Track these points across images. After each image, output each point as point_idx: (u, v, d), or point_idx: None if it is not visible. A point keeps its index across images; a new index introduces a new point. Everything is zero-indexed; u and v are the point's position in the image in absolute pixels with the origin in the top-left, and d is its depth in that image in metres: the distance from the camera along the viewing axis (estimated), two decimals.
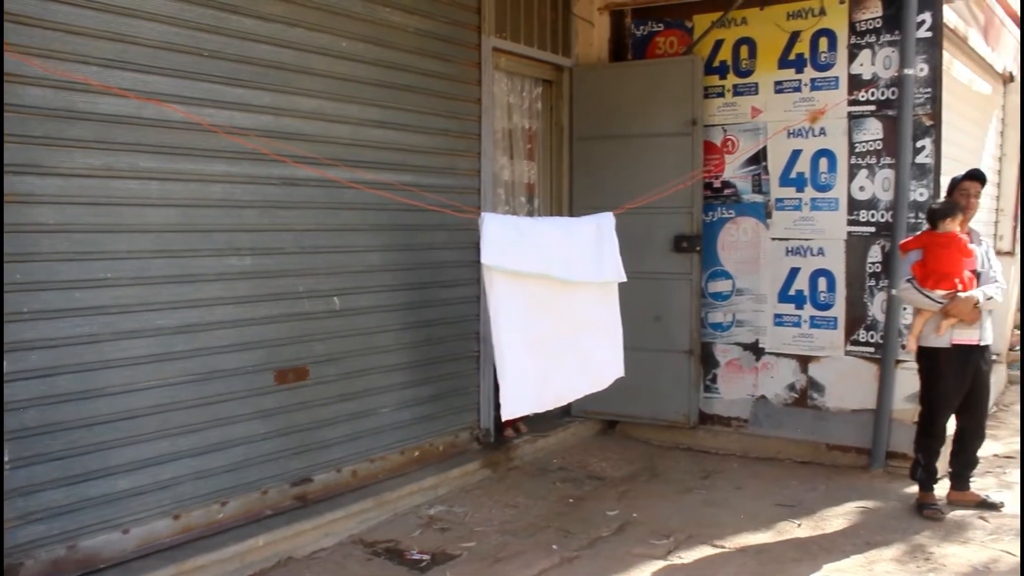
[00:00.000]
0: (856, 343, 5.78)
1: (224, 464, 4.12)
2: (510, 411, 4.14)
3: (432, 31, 5.14)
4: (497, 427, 5.73)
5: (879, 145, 5.64)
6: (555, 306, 4.29)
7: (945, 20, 5.58)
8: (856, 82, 5.69)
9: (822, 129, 5.81)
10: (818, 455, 5.89)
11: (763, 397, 6.10)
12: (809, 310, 5.94)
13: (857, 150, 5.71)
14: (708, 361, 6.27)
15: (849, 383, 5.78)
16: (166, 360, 3.87)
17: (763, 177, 6.05)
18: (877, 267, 5.68)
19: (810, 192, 5.89)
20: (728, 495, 5.25)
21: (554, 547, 4.42)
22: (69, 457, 3.54)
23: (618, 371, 4.67)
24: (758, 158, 6.05)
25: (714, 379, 6.26)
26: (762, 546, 4.47)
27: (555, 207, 6.48)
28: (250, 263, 4.21)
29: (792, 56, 5.90)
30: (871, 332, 5.72)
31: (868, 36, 5.64)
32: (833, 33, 5.75)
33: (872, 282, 5.71)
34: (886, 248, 5.61)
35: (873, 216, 5.68)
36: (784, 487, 5.38)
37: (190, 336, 3.96)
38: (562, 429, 6.27)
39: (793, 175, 5.95)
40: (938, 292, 4.67)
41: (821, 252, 5.87)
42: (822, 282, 5.88)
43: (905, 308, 5.34)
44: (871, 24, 5.62)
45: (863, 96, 5.65)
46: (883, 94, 5.59)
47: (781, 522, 4.78)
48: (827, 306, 5.87)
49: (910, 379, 5.18)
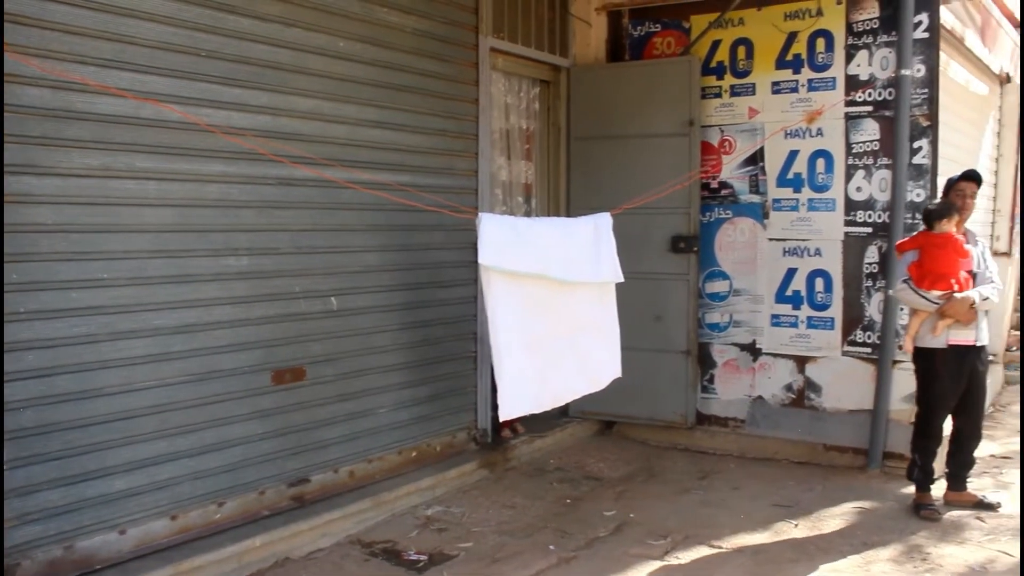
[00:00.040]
0: (853, 343, 5.79)
1: (221, 464, 4.12)
2: (508, 412, 4.13)
3: (429, 31, 5.14)
4: (494, 427, 5.73)
5: (876, 146, 5.64)
6: (552, 306, 4.29)
7: (942, 21, 5.58)
8: (853, 83, 5.69)
9: (819, 130, 5.81)
10: (815, 455, 5.89)
11: (760, 397, 6.10)
12: (806, 310, 5.94)
13: (854, 151, 5.72)
14: (705, 361, 6.27)
15: (846, 383, 5.79)
16: (163, 360, 3.86)
17: (760, 178, 6.05)
18: (874, 267, 5.69)
19: (807, 193, 5.90)
20: (725, 495, 5.26)
21: (551, 547, 4.42)
22: (66, 457, 3.54)
23: (615, 371, 4.67)
24: (755, 159, 6.05)
25: (711, 379, 6.27)
26: (759, 546, 4.47)
27: (552, 207, 6.49)
28: (247, 263, 4.21)
29: (789, 57, 5.90)
30: (868, 332, 5.73)
31: (865, 37, 5.64)
32: (830, 34, 5.76)
33: (869, 282, 5.72)
34: (883, 248, 5.61)
35: (870, 217, 5.69)
36: (781, 487, 5.39)
37: (187, 336, 3.96)
38: (559, 429, 6.27)
39: (790, 176, 5.95)
40: (934, 293, 4.68)
41: (818, 252, 5.88)
42: (819, 282, 5.89)
43: (902, 308, 5.35)
44: (868, 25, 5.63)
45: (860, 97, 5.66)
46: (880, 95, 5.60)
47: (778, 522, 4.78)
48: (824, 306, 5.88)
49: (907, 379, 5.18)
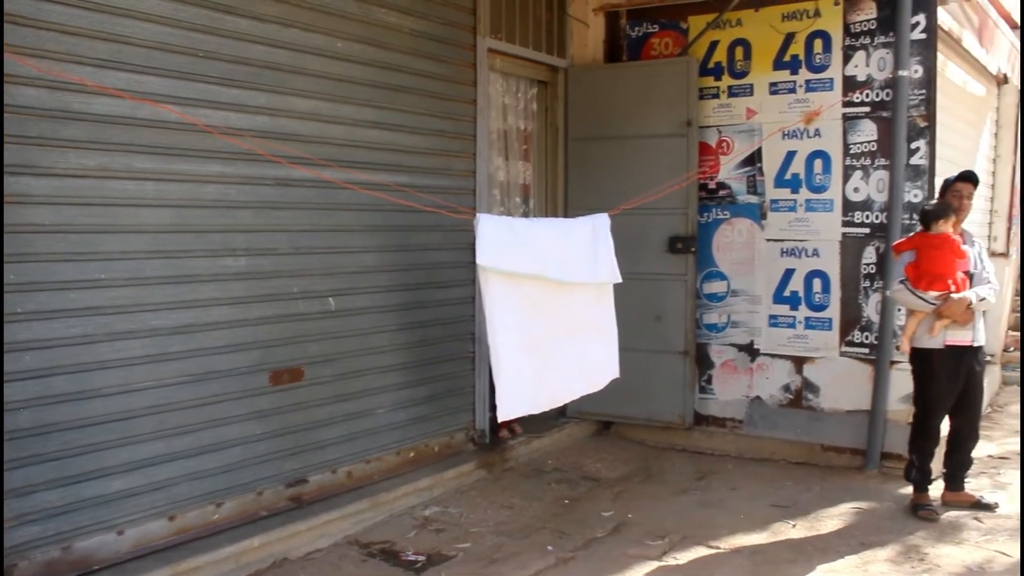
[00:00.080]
0: (851, 344, 5.79)
1: (219, 465, 4.11)
2: (506, 412, 4.14)
3: (427, 32, 5.14)
4: (492, 428, 5.73)
5: (874, 146, 5.65)
6: (550, 307, 4.29)
7: (939, 22, 5.59)
8: (851, 83, 5.70)
9: (817, 130, 5.82)
10: (813, 456, 5.90)
11: (758, 398, 6.11)
12: (804, 311, 5.95)
13: (852, 151, 5.73)
14: (703, 362, 6.27)
15: (844, 384, 5.79)
16: (161, 361, 3.86)
17: (758, 178, 6.06)
18: (872, 268, 5.69)
19: (805, 193, 5.90)
20: (723, 496, 5.26)
21: (549, 548, 4.42)
22: (64, 458, 3.53)
23: (613, 372, 4.66)
24: (753, 159, 6.06)
25: (709, 380, 6.27)
26: (757, 547, 4.47)
27: (550, 208, 6.49)
28: (245, 264, 4.21)
29: (787, 57, 5.91)
30: (866, 333, 5.73)
31: (863, 38, 5.65)
32: (828, 35, 5.76)
33: (867, 283, 5.72)
34: (881, 249, 5.61)
35: (868, 217, 5.69)
36: (779, 488, 5.39)
37: (185, 337, 3.95)
38: (557, 430, 6.27)
39: (788, 176, 5.96)
40: (931, 293, 4.68)
41: (816, 253, 5.88)
42: (817, 283, 5.89)
43: (899, 309, 5.35)
44: (866, 26, 5.64)
45: (858, 98, 5.66)
46: (878, 96, 5.61)
47: (776, 523, 4.78)
48: (822, 307, 5.88)
49: (905, 380, 5.19)
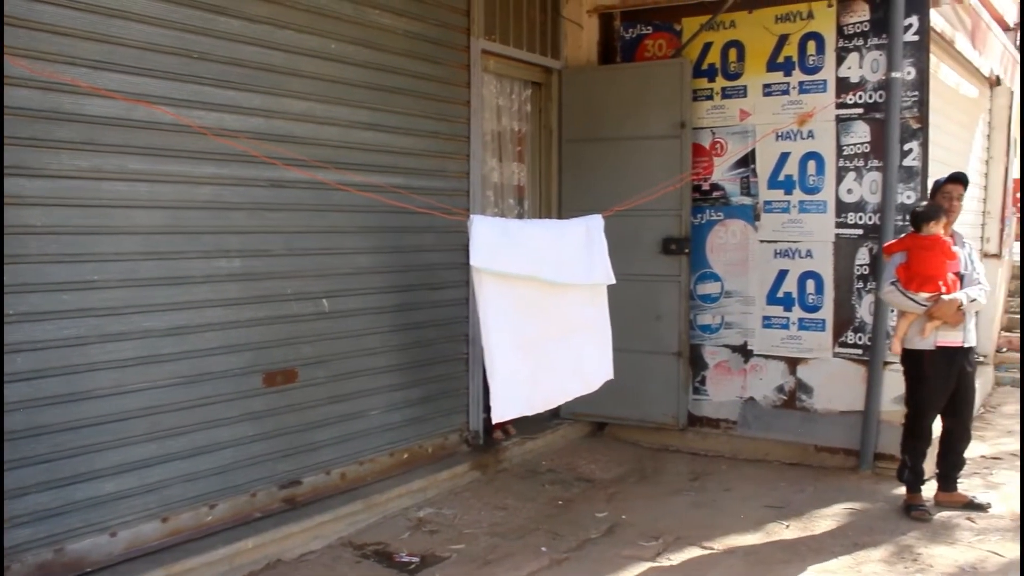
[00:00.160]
0: (844, 345, 5.81)
1: (212, 467, 4.11)
2: (500, 414, 4.14)
3: (421, 33, 5.14)
4: (486, 429, 5.73)
5: (867, 148, 5.66)
6: (544, 308, 4.29)
7: (932, 24, 5.61)
8: (844, 85, 5.71)
9: (810, 132, 5.83)
10: (806, 457, 5.91)
11: (752, 399, 6.12)
12: (797, 312, 5.96)
13: (845, 153, 5.74)
14: (697, 363, 6.28)
15: (837, 385, 5.81)
16: (154, 362, 3.85)
17: (751, 179, 6.07)
18: (865, 269, 5.71)
19: (798, 194, 5.91)
20: (717, 497, 5.27)
21: (543, 549, 4.42)
22: (56, 460, 3.52)
23: (607, 373, 4.67)
24: (746, 160, 6.07)
25: (703, 381, 6.28)
26: (751, 547, 4.48)
27: (544, 209, 6.49)
28: (239, 265, 4.20)
29: (780, 59, 5.92)
30: (859, 334, 5.74)
31: (856, 39, 5.66)
32: (821, 36, 5.77)
33: (860, 284, 5.74)
34: (874, 250, 5.63)
35: (861, 218, 5.71)
36: (773, 489, 5.40)
37: (178, 338, 3.95)
38: (551, 431, 6.27)
39: (781, 177, 5.97)
40: (922, 295, 4.70)
41: (809, 254, 5.90)
42: (810, 284, 5.90)
43: (892, 310, 5.37)
44: (858, 28, 5.65)
45: (851, 99, 5.68)
46: (871, 97, 5.62)
47: (770, 523, 4.79)
48: (815, 308, 5.89)
49: (898, 381, 5.19)
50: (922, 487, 4.96)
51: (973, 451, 5.43)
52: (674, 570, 4.22)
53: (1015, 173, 9.82)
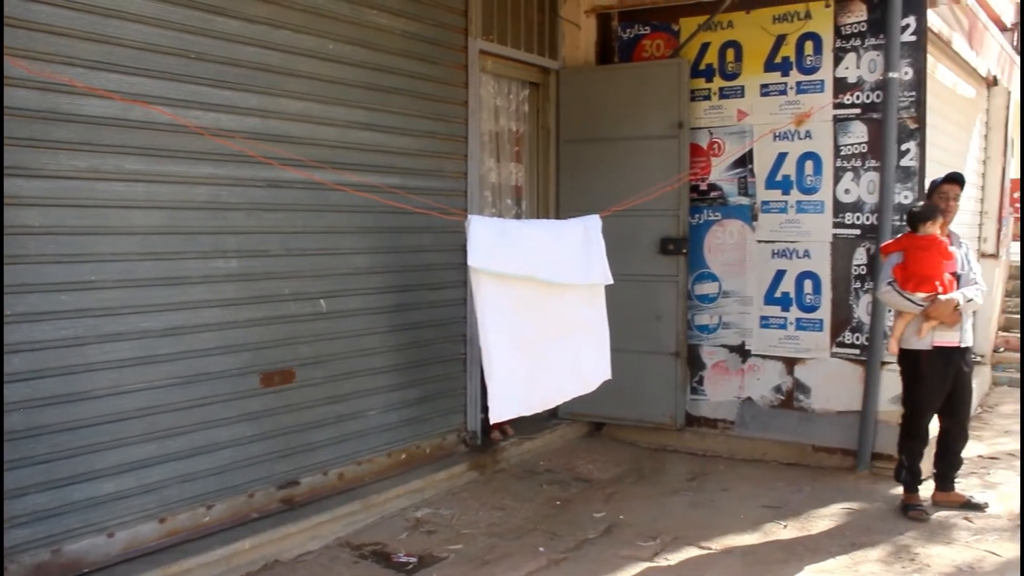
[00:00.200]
0: (842, 345, 5.81)
1: (210, 467, 4.10)
2: (498, 414, 4.13)
3: (419, 33, 5.14)
4: (484, 429, 5.73)
5: (864, 148, 5.67)
6: (542, 308, 4.29)
7: (929, 24, 5.61)
8: (841, 85, 5.72)
9: (808, 132, 5.84)
10: (804, 457, 5.91)
11: (749, 399, 6.12)
12: (795, 312, 5.96)
13: (842, 153, 5.74)
14: (694, 363, 6.28)
15: (835, 385, 5.81)
16: (151, 363, 3.85)
17: (749, 180, 6.07)
18: (862, 269, 5.71)
19: (796, 195, 5.92)
20: (714, 497, 5.27)
21: (541, 549, 4.42)
22: (54, 460, 3.52)
23: (605, 373, 4.67)
24: (744, 161, 6.07)
25: (700, 381, 6.28)
26: (748, 547, 4.48)
27: (542, 209, 6.49)
28: (236, 265, 4.20)
29: (778, 59, 5.92)
30: (856, 334, 5.75)
31: (853, 40, 5.67)
32: (818, 37, 5.78)
33: (857, 284, 5.74)
34: (871, 250, 5.63)
35: (858, 219, 5.71)
36: (770, 489, 5.40)
37: (176, 339, 3.94)
38: (549, 431, 6.28)
39: (779, 178, 5.97)
40: (918, 295, 4.70)
41: (807, 254, 5.90)
42: (808, 284, 5.91)
43: (890, 310, 5.37)
44: (856, 28, 5.66)
45: (848, 99, 5.68)
46: (868, 97, 5.63)
47: (767, 523, 4.80)
48: (813, 308, 5.90)
49: (895, 381, 5.20)
50: (919, 487, 4.97)
51: (970, 451, 5.44)
52: (672, 570, 4.22)
53: (1012, 173, 9.84)
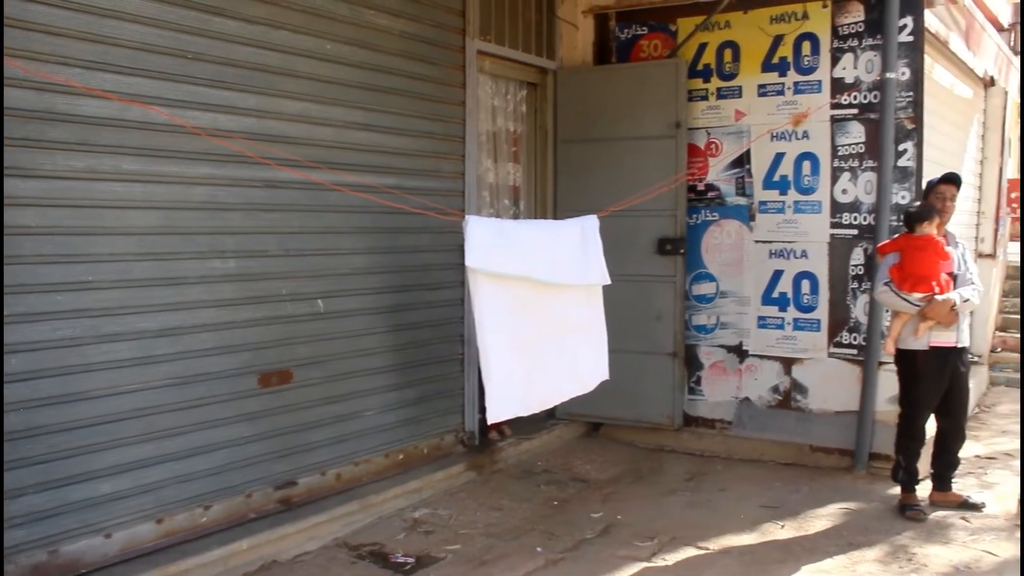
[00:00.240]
0: (839, 345, 5.82)
1: (207, 468, 4.10)
2: (495, 414, 4.13)
3: (417, 34, 5.14)
4: (481, 430, 5.73)
5: (861, 148, 5.67)
6: (540, 309, 4.29)
7: (927, 24, 5.62)
8: (839, 86, 5.72)
9: (805, 132, 5.84)
10: (801, 457, 5.91)
11: (747, 399, 6.12)
12: (792, 312, 5.96)
13: (840, 153, 5.75)
14: (692, 363, 6.29)
15: (832, 385, 5.81)
16: (149, 363, 3.85)
17: (747, 180, 6.07)
18: (860, 269, 5.72)
19: (793, 195, 5.92)
20: (712, 497, 5.27)
21: (539, 549, 4.42)
22: (51, 461, 3.52)
23: (603, 374, 4.66)
24: (742, 161, 6.08)
25: (698, 381, 6.28)
26: (746, 547, 4.48)
27: (539, 210, 6.49)
28: (234, 266, 4.20)
29: (775, 60, 5.93)
30: (854, 334, 5.75)
31: (850, 40, 5.67)
32: (816, 37, 5.78)
33: (855, 284, 5.74)
34: (869, 250, 5.64)
35: (856, 219, 5.72)
36: (768, 489, 5.40)
37: (173, 339, 3.94)
38: (546, 432, 6.27)
39: (776, 178, 5.97)
40: (915, 295, 4.71)
41: (804, 255, 5.90)
42: (805, 284, 5.91)
43: (887, 310, 5.38)
44: (853, 28, 5.66)
45: (846, 99, 5.69)
46: (865, 98, 5.63)
47: (765, 523, 4.80)
48: (810, 308, 5.90)
49: (893, 381, 5.20)
50: (917, 487, 4.97)
51: (968, 451, 5.45)
52: (669, 570, 4.22)
53: (1009, 173, 9.86)
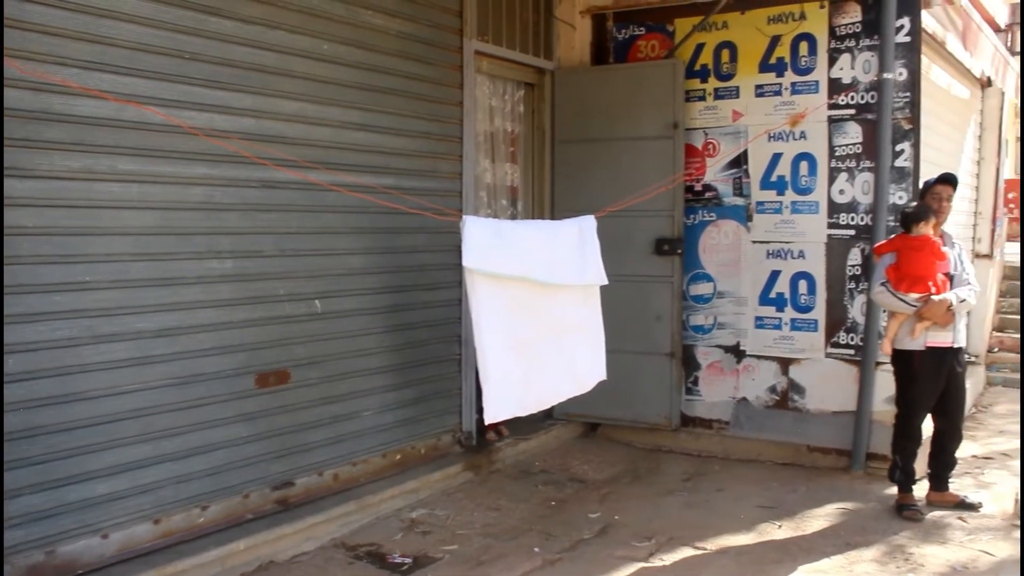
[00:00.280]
0: (836, 345, 5.82)
1: (205, 468, 4.10)
2: (493, 415, 4.13)
3: (414, 34, 5.14)
4: (479, 430, 5.73)
5: (859, 149, 5.68)
6: (537, 309, 4.29)
7: (924, 25, 5.63)
8: (836, 86, 5.73)
9: (802, 133, 5.84)
10: (799, 457, 5.91)
11: (744, 399, 6.13)
12: (790, 312, 5.97)
13: (837, 153, 5.75)
14: (689, 364, 6.29)
15: (830, 385, 5.82)
16: (146, 364, 3.85)
17: (744, 180, 6.08)
18: (857, 270, 5.72)
19: (791, 195, 5.93)
20: (709, 497, 5.28)
21: (536, 550, 4.42)
22: (48, 461, 3.51)
23: (600, 374, 4.66)
24: (739, 161, 6.08)
25: (696, 381, 6.28)
26: (743, 548, 4.49)
27: (537, 210, 6.49)
28: (231, 266, 4.19)
29: (773, 60, 5.93)
30: (851, 334, 5.76)
31: (848, 40, 5.68)
32: (813, 37, 5.79)
33: (852, 284, 5.75)
34: (866, 251, 5.64)
35: (853, 219, 5.72)
36: (765, 489, 5.41)
37: (170, 340, 3.94)
38: (544, 432, 6.27)
39: (774, 178, 5.98)
40: (912, 295, 4.71)
41: (802, 255, 5.91)
42: (803, 285, 5.92)
43: (884, 311, 5.38)
44: (851, 29, 5.66)
45: (843, 100, 5.69)
46: (863, 98, 5.64)
47: (762, 524, 4.80)
48: (807, 308, 5.90)
49: (890, 381, 5.21)
50: (914, 487, 4.98)
51: (964, 451, 5.44)
52: (667, 570, 4.22)
53: (1006, 174, 9.87)
